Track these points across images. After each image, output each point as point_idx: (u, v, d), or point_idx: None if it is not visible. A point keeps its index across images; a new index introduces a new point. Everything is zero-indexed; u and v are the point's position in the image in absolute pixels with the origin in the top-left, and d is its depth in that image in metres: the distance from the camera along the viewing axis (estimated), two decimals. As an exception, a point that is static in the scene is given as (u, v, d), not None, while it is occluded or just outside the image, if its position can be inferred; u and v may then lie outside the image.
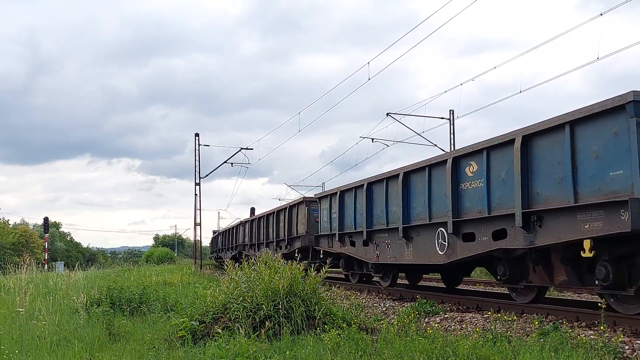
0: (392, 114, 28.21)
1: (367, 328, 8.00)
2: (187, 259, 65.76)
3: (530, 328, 8.03)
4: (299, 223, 21.25)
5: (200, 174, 35.25)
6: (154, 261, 49.24)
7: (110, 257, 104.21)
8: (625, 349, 6.56)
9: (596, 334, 7.14)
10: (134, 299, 10.61)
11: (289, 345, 6.64)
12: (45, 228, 47.41)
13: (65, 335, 7.89)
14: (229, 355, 6.04)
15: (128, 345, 7.37)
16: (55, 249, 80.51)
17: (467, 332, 8.10)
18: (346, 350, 6.16)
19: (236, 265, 9.22)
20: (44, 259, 38.27)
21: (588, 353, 5.89)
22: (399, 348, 6.14)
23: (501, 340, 6.53)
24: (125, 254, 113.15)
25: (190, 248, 76.81)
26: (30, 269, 14.07)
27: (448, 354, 5.81)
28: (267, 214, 26.27)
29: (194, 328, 7.51)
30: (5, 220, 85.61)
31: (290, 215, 22.32)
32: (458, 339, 6.42)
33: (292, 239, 22.16)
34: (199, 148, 35.23)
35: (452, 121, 30.02)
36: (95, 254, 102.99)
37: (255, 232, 28.65)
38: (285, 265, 8.27)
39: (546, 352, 5.85)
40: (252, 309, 7.65)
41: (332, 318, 7.84)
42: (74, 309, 9.97)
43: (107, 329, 8.08)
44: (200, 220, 36.27)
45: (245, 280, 8.36)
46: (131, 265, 31.49)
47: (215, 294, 8.34)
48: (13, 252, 65.08)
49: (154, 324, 8.89)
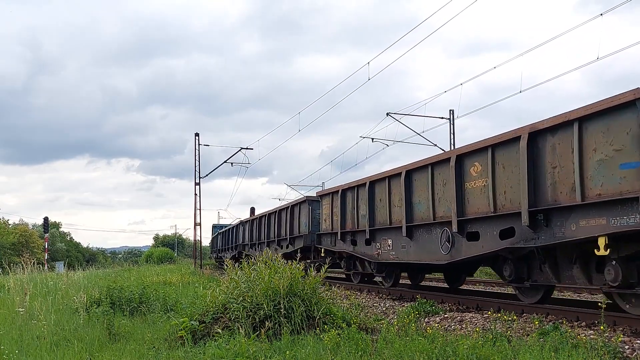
0: (392, 113, 28.25)
1: (367, 328, 7.99)
2: (187, 259, 65.74)
3: (530, 328, 8.03)
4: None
5: (200, 173, 35.27)
6: (153, 261, 49.25)
7: (110, 257, 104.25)
8: (625, 349, 6.56)
9: (596, 334, 7.14)
10: (134, 299, 10.61)
11: (289, 345, 6.64)
12: (45, 228, 47.43)
13: (65, 335, 7.90)
14: (229, 355, 6.05)
15: (128, 345, 7.37)
16: (55, 249, 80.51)
17: (467, 332, 8.09)
18: (346, 350, 6.16)
19: (236, 265, 9.21)
20: (44, 259, 38.27)
21: (588, 353, 5.89)
22: (399, 348, 6.14)
23: (501, 340, 6.52)
24: (125, 254, 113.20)
25: (190, 248, 76.79)
26: (30, 269, 14.05)
27: (448, 353, 5.81)
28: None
29: (194, 328, 7.51)
30: (5, 220, 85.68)
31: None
32: (458, 339, 6.42)
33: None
34: (199, 148, 35.25)
35: (452, 121, 30.02)
36: (95, 254, 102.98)
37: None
38: (285, 265, 8.27)
39: (546, 352, 5.84)
40: (252, 308, 7.65)
41: (332, 318, 7.84)
42: (74, 309, 9.97)
43: (107, 329, 8.08)
44: (200, 220, 36.28)
45: (245, 280, 8.36)
46: (131, 265, 31.50)
47: (215, 293, 8.33)
48: (13, 252, 65.06)
49: (154, 324, 8.89)
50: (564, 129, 8.35)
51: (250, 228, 30.29)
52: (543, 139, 8.79)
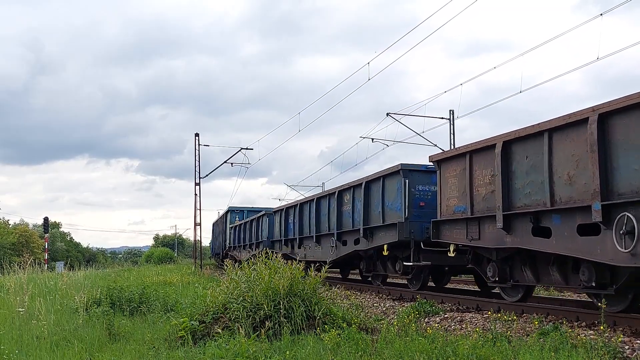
0: (392, 114, 28.20)
1: (367, 328, 7.99)
2: (187, 259, 65.75)
3: (530, 328, 8.03)
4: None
5: (200, 174, 35.24)
6: (154, 261, 49.27)
7: (110, 257, 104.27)
8: (625, 349, 6.56)
9: (596, 334, 7.14)
10: (134, 299, 10.61)
11: (289, 345, 6.64)
12: (45, 228, 47.39)
13: (65, 335, 7.90)
14: (229, 355, 6.04)
15: (128, 345, 7.37)
16: (55, 249, 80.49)
17: (467, 332, 8.09)
18: (346, 350, 6.16)
19: None
20: (44, 259, 38.26)
21: (588, 353, 5.89)
22: (399, 348, 6.14)
23: (501, 340, 6.53)
24: (125, 254, 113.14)
25: (190, 248, 76.79)
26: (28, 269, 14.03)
27: (448, 353, 5.81)
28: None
29: (194, 328, 7.51)
30: (5, 220, 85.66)
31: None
32: (458, 339, 6.42)
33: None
34: (198, 148, 35.21)
35: (452, 121, 30.01)
36: (95, 254, 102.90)
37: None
38: (285, 265, 8.27)
39: (546, 352, 5.85)
40: (252, 308, 7.65)
41: (332, 318, 7.84)
42: (74, 309, 9.97)
43: (107, 329, 8.08)
44: (200, 220, 36.26)
45: (245, 280, 8.36)
46: (131, 265, 31.49)
47: (215, 293, 8.33)
48: (13, 252, 65.03)
49: (154, 324, 8.89)
50: None
51: (285, 219, 22.59)
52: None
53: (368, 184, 15.00)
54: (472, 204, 10.62)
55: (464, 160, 10.86)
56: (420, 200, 13.05)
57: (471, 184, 10.64)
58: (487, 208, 10.22)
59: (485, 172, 10.29)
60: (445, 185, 11.57)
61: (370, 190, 14.95)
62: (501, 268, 10.46)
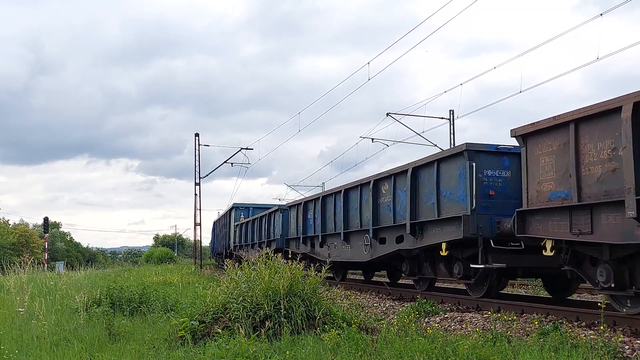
0: (392, 114, 28.22)
1: (367, 328, 7.99)
2: (187, 259, 65.75)
3: (530, 328, 8.03)
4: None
5: (200, 174, 35.27)
6: (154, 261, 49.26)
7: (110, 257, 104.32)
8: (625, 349, 6.56)
9: (596, 334, 7.14)
10: (134, 299, 10.61)
11: (289, 345, 6.64)
12: (45, 228, 47.38)
13: (65, 335, 7.90)
14: (229, 355, 6.05)
15: (128, 345, 7.37)
16: (55, 249, 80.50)
17: (467, 332, 8.10)
18: (346, 350, 6.16)
19: None
20: (44, 259, 38.27)
21: (588, 353, 5.89)
22: (399, 348, 6.15)
23: (501, 340, 6.53)
24: (125, 254, 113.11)
25: (190, 248, 76.80)
26: (28, 269, 14.04)
27: (448, 353, 5.81)
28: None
29: (194, 328, 7.51)
30: (5, 220, 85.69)
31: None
32: (458, 339, 6.42)
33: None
34: (198, 148, 35.24)
35: (452, 121, 30.02)
36: (95, 254, 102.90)
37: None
38: (285, 265, 8.27)
39: (546, 352, 5.85)
40: (252, 308, 7.65)
41: (332, 318, 7.84)
42: (74, 309, 9.97)
43: (107, 329, 8.09)
44: (200, 220, 36.30)
45: (245, 280, 8.36)
46: (131, 265, 31.50)
47: (215, 293, 8.33)
48: (13, 252, 65.05)
49: (154, 324, 8.89)
50: None
51: (303, 214, 20.37)
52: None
53: (415, 170, 12.59)
54: (579, 188, 8.27)
55: (566, 131, 8.48)
56: (489, 188, 10.70)
57: (577, 161, 8.30)
58: (605, 192, 7.86)
59: (601, 145, 7.95)
60: (534, 166, 9.18)
61: (418, 177, 12.56)
62: (618, 270, 8.18)
